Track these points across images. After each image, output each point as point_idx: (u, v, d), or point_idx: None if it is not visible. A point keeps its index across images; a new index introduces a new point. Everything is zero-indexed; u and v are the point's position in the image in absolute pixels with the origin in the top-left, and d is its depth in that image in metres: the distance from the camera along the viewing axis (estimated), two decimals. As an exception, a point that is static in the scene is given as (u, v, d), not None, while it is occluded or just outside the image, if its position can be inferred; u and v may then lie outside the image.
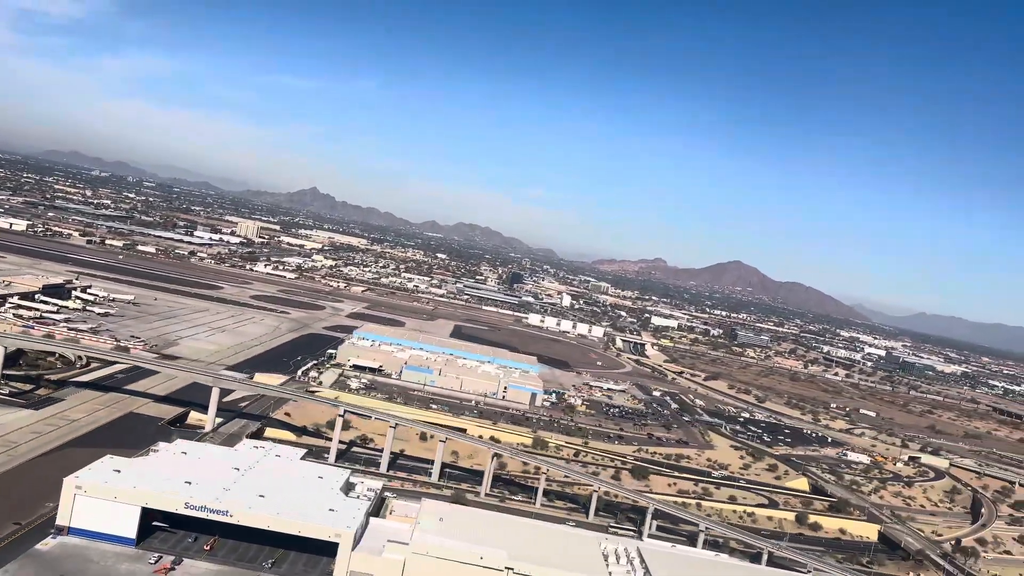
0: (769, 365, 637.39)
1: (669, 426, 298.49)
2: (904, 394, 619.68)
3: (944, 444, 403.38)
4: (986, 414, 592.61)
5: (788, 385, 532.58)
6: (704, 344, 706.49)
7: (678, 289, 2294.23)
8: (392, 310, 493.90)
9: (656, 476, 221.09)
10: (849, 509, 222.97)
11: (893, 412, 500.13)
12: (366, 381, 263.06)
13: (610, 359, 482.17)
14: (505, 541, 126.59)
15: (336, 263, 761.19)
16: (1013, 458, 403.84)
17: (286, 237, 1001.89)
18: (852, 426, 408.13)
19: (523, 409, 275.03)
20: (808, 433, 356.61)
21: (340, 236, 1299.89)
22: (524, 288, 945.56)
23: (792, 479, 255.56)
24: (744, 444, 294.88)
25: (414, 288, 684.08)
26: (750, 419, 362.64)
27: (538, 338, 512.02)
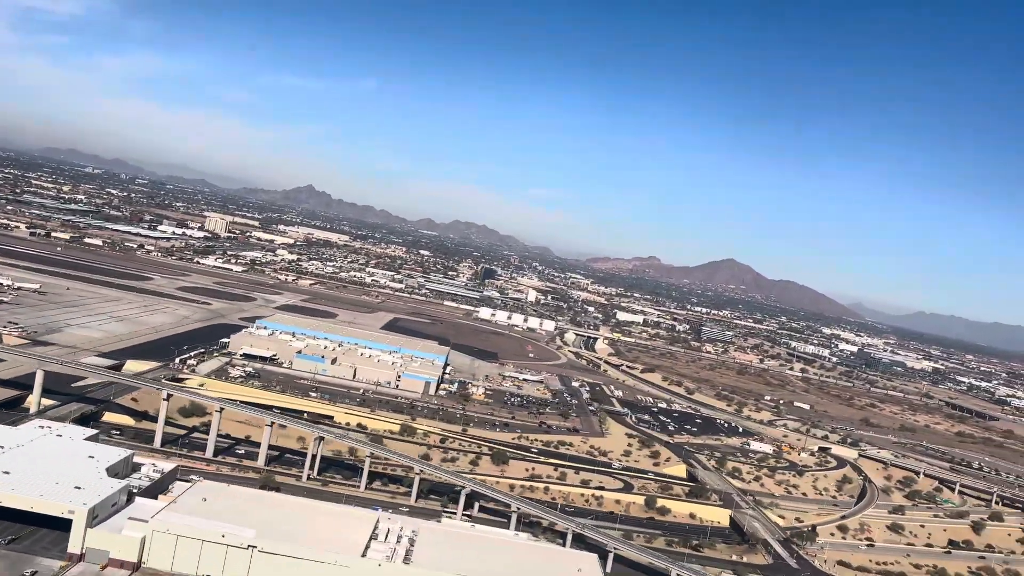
0: (722, 359, 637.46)
1: (567, 415, 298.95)
2: (857, 389, 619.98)
3: (870, 437, 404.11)
4: (936, 408, 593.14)
5: (731, 379, 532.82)
6: (663, 339, 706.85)
7: (670, 287, 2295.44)
8: (333, 302, 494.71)
9: (517, 461, 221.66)
10: (708, 495, 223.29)
11: (833, 406, 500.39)
12: (250, 370, 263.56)
13: (548, 351, 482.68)
14: (264, 520, 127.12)
15: (299, 258, 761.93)
16: (938, 450, 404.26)
17: (262, 233, 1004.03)
18: (777, 418, 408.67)
19: (415, 398, 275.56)
20: (721, 423, 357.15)
21: (322, 232, 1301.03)
22: (494, 284, 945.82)
23: (672, 466, 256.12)
24: (640, 432, 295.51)
25: (372, 283, 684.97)
26: (665, 409, 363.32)
27: (481, 331, 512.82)
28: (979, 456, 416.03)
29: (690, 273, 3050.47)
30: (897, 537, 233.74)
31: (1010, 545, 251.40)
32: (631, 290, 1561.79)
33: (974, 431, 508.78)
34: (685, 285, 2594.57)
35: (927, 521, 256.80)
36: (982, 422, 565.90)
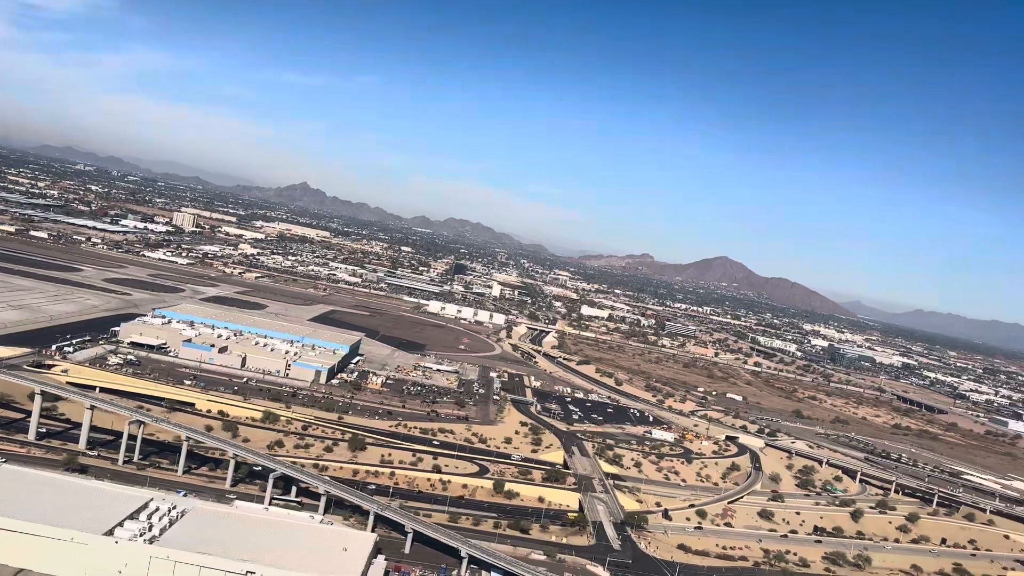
0: (674, 353, 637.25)
1: (463, 403, 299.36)
2: (807, 382, 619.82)
3: (796, 428, 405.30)
4: (886, 402, 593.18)
5: (673, 371, 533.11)
6: (622, 334, 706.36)
7: (661, 284, 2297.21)
8: (271, 295, 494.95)
9: (376, 448, 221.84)
10: (564, 479, 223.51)
11: (771, 398, 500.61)
12: (132, 358, 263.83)
13: (485, 343, 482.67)
14: (16, 499, 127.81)
15: (261, 252, 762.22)
16: (863, 442, 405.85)
17: (235, 229, 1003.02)
18: (700, 408, 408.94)
19: (302, 386, 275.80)
20: (633, 412, 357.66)
21: (302, 229, 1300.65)
22: (463, 279, 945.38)
23: (551, 452, 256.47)
24: (537, 420, 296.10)
25: (329, 276, 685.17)
26: (579, 399, 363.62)
27: (422, 324, 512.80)
28: (905, 448, 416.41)
29: (683, 270, 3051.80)
30: (763, 523, 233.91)
31: (888, 532, 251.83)
32: (616, 287, 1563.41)
33: (914, 424, 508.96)
34: (677, 282, 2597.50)
35: (805, 508, 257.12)
36: (928, 415, 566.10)
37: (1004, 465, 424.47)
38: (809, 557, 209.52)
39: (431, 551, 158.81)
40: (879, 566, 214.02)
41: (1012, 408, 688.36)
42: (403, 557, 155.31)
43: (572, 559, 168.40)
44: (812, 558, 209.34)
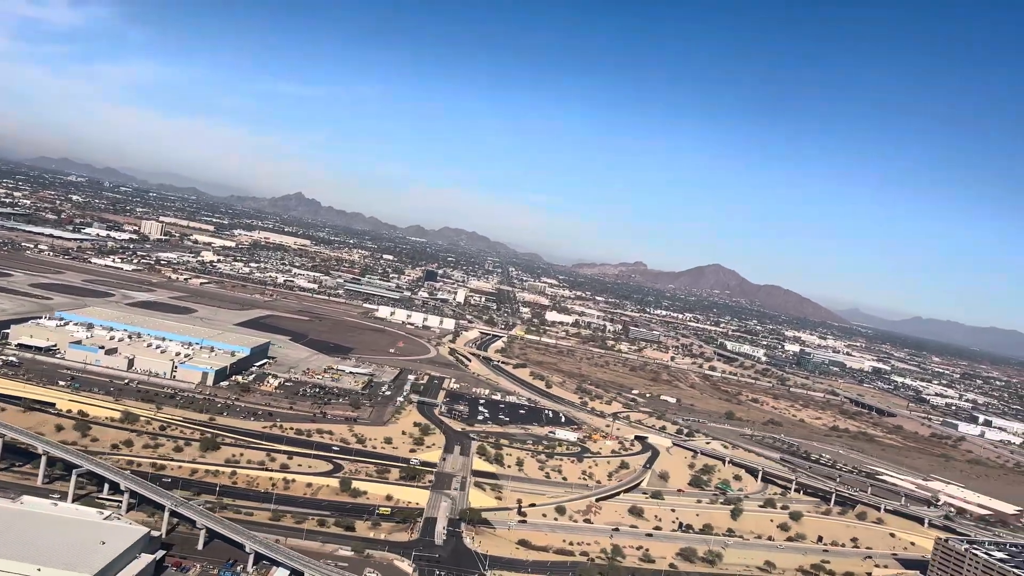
0: (626, 357, 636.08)
1: (358, 405, 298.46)
2: (760, 386, 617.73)
3: (722, 429, 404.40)
4: (836, 405, 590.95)
5: (615, 374, 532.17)
6: (579, 339, 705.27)
7: (652, 292, 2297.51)
8: (209, 299, 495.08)
9: (229, 447, 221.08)
10: (427, 478, 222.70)
11: (711, 401, 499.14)
12: (12, 359, 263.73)
13: (422, 347, 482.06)
14: None
15: (222, 259, 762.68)
16: (788, 442, 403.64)
17: (207, 237, 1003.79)
18: (626, 410, 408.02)
19: (187, 388, 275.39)
20: (547, 413, 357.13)
21: (279, 236, 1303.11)
22: (434, 286, 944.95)
23: (431, 451, 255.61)
24: (434, 421, 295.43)
25: (285, 282, 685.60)
26: (494, 401, 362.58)
27: (360, 328, 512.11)
28: (832, 449, 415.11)
29: (676, 278, 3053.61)
30: (632, 519, 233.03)
31: (766, 530, 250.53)
32: (602, 294, 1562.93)
33: (856, 426, 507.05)
34: (670, 290, 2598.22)
35: (684, 506, 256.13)
36: (876, 418, 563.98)
37: (934, 466, 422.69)
38: (661, 553, 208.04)
39: (226, 547, 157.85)
40: (731, 562, 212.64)
41: (971, 411, 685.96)
42: (196, 552, 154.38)
43: (380, 554, 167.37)
44: (663, 554, 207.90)
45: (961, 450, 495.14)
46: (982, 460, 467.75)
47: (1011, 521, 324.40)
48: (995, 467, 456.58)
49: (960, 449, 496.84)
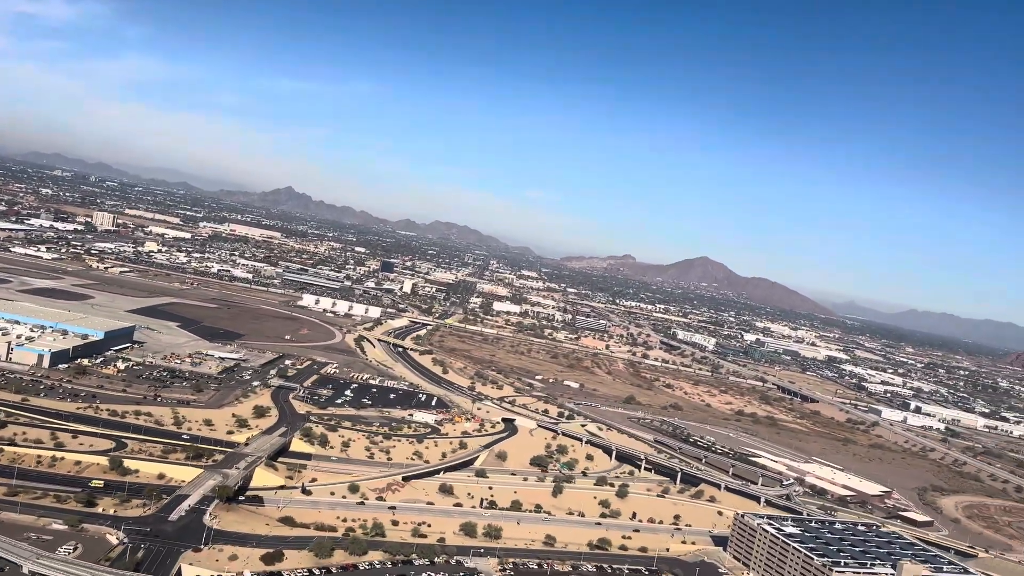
0: (555, 345, 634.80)
1: (201, 388, 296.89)
2: (691, 373, 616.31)
3: (609, 411, 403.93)
4: (762, 391, 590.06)
5: (531, 361, 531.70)
6: (519, 328, 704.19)
7: (639, 284, 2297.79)
8: (116, 287, 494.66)
9: (16, 426, 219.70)
10: (215, 459, 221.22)
11: (619, 386, 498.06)
12: None
13: (328, 334, 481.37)
14: None
15: (162, 249, 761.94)
16: (673, 424, 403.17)
17: (161, 228, 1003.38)
18: (515, 395, 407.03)
19: (20, 370, 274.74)
20: (420, 397, 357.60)
21: (246, 228, 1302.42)
22: (389, 276, 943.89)
23: (249, 432, 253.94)
24: (280, 404, 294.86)
25: (220, 272, 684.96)
26: (366, 384, 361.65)
27: (269, 316, 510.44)
28: (722, 432, 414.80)
29: (664, 271, 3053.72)
30: (437, 497, 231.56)
31: (583, 507, 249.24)
32: (578, 287, 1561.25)
33: (767, 411, 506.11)
34: (657, 283, 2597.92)
35: (507, 484, 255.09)
36: (796, 403, 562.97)
37: (827, 449, 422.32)
38: (442, 529, 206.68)
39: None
40: (514, 536, 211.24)
41: (907, 398, 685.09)
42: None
43: (95, 528, 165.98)
44: (444, 529, 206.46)
45: (871, 435, 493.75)
46: (886, 444, 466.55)
47: (872, 502, 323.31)
48: (897, 451, 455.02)
49: (871, 434, 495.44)
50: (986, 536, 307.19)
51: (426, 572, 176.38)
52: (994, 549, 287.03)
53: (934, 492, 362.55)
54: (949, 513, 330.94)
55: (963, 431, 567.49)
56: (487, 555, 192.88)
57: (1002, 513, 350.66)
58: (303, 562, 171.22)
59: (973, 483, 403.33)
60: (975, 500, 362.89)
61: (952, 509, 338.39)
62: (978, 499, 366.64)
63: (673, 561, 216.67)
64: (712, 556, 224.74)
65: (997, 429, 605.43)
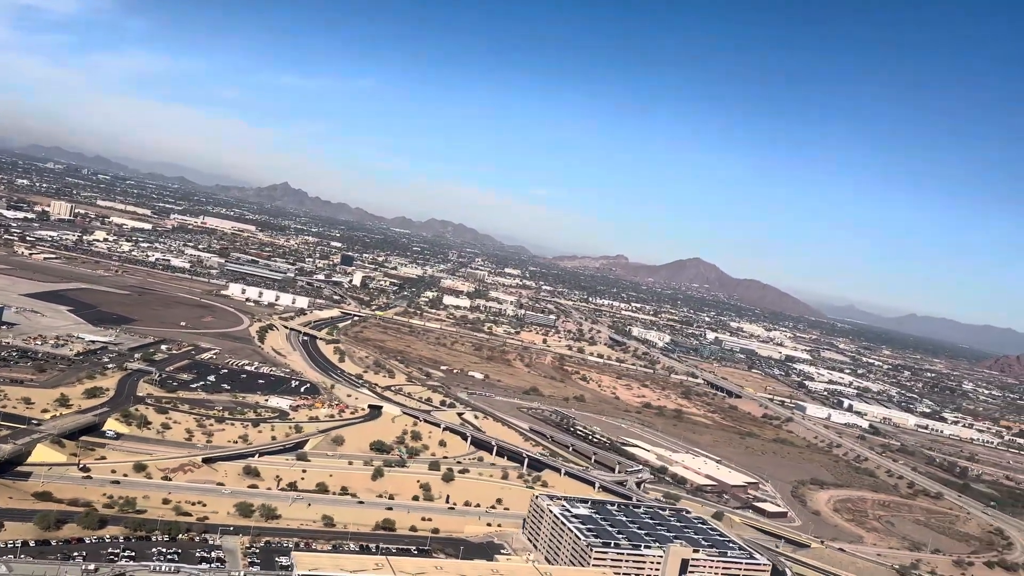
0: (486, 339, 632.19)
1: (44, 368, 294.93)
2: (624, 368, 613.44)
3: (501, 402, 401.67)
4: (689, 386, 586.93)
5: (448, 353, 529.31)
6: (457, 322, 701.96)
7: (629, 284, 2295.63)
8: (28, 272, 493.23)
9: None
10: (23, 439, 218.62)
11: (530, 379, 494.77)
12: None
13: (236, 322, 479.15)
14: None
15: (107, 239, 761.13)
16: (565, 415, 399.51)
17: (123, 218, 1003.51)
18: (404, 384, 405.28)
19: None
20: (294, 383, 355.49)
21: (217, 221, 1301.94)
22: (347, 270, 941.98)
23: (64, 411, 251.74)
24: (125, 385, 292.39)
25: (158, 261, 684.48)
26: (239, 371, 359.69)
27: (181, 303, 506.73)
28: (614, 423, 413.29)
29: (656, 272, 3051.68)
30: (242, 479, 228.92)
31: (401, 489, 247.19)
32: (556, 285, 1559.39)
33: (679, 405, 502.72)
34: (648, 283, 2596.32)
35: (325, 467, 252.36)
36: (716, 398, 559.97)
37: (721, 442, 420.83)
38: (216, 508, 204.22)
39: None
40: (296, 516, 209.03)
41: (843, 396, 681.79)
42: None
43: None
44: (219, 509, 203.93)
45: (783, 430, 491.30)
46: (790, 439, 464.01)
47: (733, 492, 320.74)
48: (800, 446, 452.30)
49: (782, 429, 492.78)
50: (841, 528, 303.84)
51: (156, 548, 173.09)
52: (841, 541, 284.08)
53: (812, 485, 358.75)
54: (816, 506, 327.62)
55: (890, 429, 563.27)
56: (239, 533, 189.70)
57: (878, 507, 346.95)
58: (25, 533, 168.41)
59: (866, 478, 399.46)
60: (854, 494, 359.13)
61: (822, 502, 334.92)
62: (858, 493, 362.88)
63: (459, 542, 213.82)
64: (505, 537, 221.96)
65: (928, 428, 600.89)
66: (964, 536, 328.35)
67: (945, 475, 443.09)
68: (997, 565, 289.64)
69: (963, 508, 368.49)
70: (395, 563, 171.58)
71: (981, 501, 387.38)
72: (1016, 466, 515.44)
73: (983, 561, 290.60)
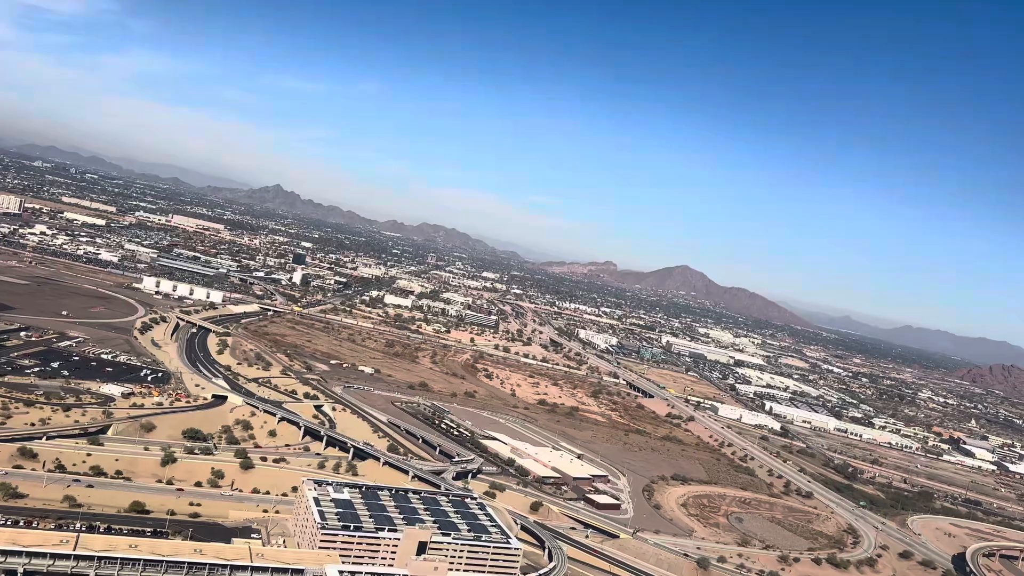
0: (405, 336, 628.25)
1: None
2: (546, 369, 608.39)
3: (374, 395, 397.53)
4: (605, 385, 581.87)
5: (350, 348, 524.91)
6: (387, 319, 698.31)
7: (615, 290, 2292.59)
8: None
9: None
10: None
11: (429, 376, 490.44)
12: None
13: (127, 312, 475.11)
14: None
15: (46, 234, 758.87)
16: (434, 406, 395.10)
17: (75, 213, 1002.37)
18: (276, 376, 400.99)
19: None
20: (146, 372, 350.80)
21: (184, 218, 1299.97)
22: (296, 268, 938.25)
23: None
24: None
25: (83, 254, 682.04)
26: (94, 358, 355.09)
27: (83, 294, 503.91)
28: (498, 418, 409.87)
29: (643, 279, 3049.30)
30: (8, 461, 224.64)
31: (189, 475, 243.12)
32: (530, 289, 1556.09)
33: (578, 403, 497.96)
34: (635, 290, 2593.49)
35: (111, 452, 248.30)
36: (627, 398, 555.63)
37: (600, 438, 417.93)
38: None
39: None
40: (38, 496, 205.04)
41: (788, 402, 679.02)
42: None
43: None
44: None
45: (682, 429, 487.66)
46: (681, 437, 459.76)
47: (573, 484, 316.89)
48: (688, 444, 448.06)
49: (681, 428, 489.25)
50: (676, 522, 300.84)
51: None
52: (664, 533, 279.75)
53: (674, 481, 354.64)
54: (663, 501, 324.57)
55: (803, 431, 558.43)
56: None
57: (735, 504, 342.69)
58: None
59: (742, 476, 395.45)
60: (715, 491, 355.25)
61: (673, 498, 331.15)
62: (721, 490, 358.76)
63: (213, 526, 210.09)
64: (268, 522, 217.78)
65: (847, 432, 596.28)
66: (814, 534, 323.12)
67: (836, 476, 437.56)
68: (826, 561, 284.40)
69: (828, 507, 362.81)
70: (85, 540, 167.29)
71: (853, 501, 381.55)
72: (920, 470, 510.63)
73: (812, 557, 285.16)
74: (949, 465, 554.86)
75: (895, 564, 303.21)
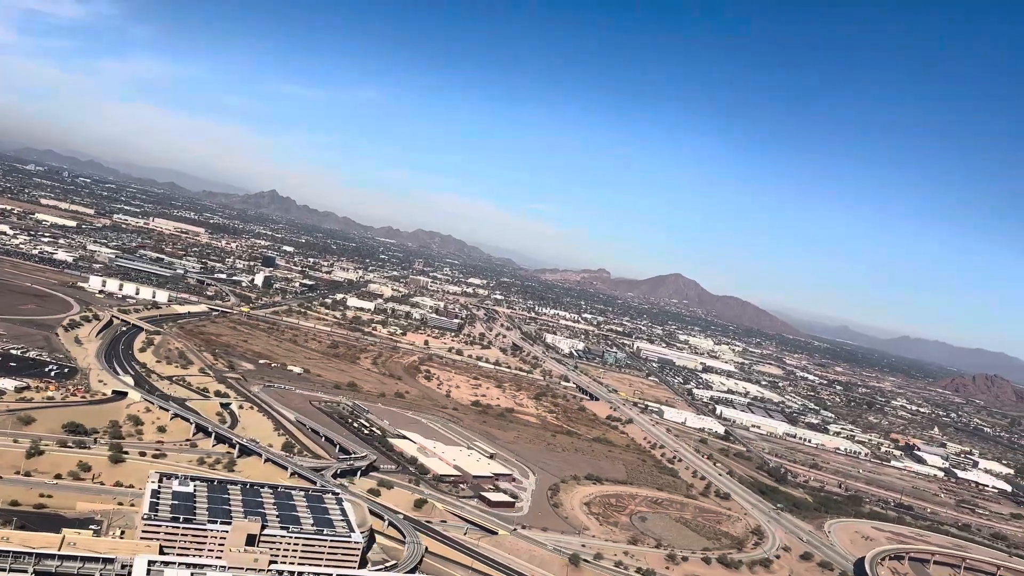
0: (357, 337, 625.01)
1: None
2: (488, 369, 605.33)
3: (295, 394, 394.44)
4: (553, 388, 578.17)
5: (288, 349, 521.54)
6: (346, 322, 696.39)
7: (605, 298, 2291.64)
8: None
9: None
10: None
11: (364, 376, 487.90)
12: None
13: (58, 309, 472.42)
14: None
15: (6, 232, 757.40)
16: (355, 405, 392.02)
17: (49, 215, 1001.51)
18: (192, 374, 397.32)
19: None
20: (51, 368, 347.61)
21: (164, 221, 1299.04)
22: (264, 271, 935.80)
23: None
24: None
25: (39, 253, 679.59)
26: (11, 355, 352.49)
27: (20, 292, 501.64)
28: (421, 417, 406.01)
29: (636, 286, 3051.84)
30: None
31: (53, 467, 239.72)
32: (512, 294, 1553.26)
33: (515, 404, 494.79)
34: (627, 298, 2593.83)
35: None
36: (570, 401, 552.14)
37: (525, 439, 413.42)
38: None
39: None
40: None
41: (744, 407, 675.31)
42: None
43: None
44: None
45: (618, 431, 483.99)
46: (613, 439, 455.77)
47: (472, 482, 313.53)
48: (619, 446, 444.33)
49: (618, 430, 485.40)
50: (572, 520, 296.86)
51: None
52: (553, 531, 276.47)
53: (586, 481, 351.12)
54: (566, 500, 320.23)
55: (747, 435, 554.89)
56: None
57: (643, 504, 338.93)
58: None
59: (664, 477, 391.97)
60: (627, 491, 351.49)
61: (577, 497, 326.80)
62: (632, 490, 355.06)
63: (53, 516, 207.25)
64: (119, 513, 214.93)
65: (796, 437, 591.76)
66: (719, 534, 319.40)
67: (766, 479, 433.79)
68: (716, 561, 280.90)
69: (743, 509, 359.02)
70: None
71: (774, 503, 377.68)
72: (861, 475, 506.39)
73: (702, 557, 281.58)
74: (894, 471, 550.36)
75: (793, 565, 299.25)
